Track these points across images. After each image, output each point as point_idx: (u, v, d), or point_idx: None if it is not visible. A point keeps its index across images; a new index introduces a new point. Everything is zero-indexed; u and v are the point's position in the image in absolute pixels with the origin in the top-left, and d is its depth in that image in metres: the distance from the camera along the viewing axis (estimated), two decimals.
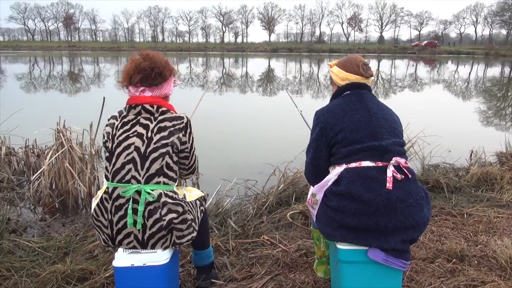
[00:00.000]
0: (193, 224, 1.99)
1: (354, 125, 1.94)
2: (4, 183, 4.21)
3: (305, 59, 47.14)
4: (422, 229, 1.89)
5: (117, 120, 1.95)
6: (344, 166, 1.91)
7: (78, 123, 4.21)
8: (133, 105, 1.95)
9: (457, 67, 33.91)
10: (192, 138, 2.04)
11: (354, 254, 1.87)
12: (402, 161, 1.88)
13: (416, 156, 4.86)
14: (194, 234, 1.99)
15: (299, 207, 3.44)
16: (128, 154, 1.85)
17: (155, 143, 1.87)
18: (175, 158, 1.96)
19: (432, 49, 63.35)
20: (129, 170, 1.84)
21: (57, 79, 19.55)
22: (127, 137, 1.88)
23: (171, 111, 2.01)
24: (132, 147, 1.86)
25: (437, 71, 29.09)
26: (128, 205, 1.82)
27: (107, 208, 1.86)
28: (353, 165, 1.89)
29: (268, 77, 22.80)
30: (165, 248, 1.90)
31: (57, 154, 3.81)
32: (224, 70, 28.05)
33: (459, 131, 7.90)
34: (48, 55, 48.30)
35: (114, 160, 1.87)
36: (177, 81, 2.15)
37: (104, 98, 3.77)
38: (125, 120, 1.93)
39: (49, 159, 3.76)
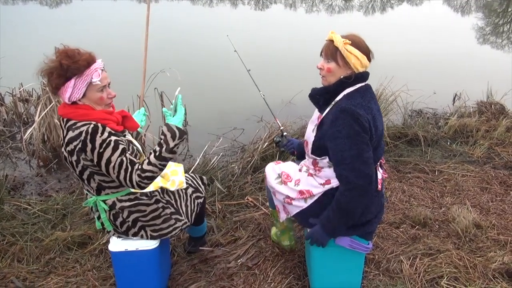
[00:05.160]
0: (176, 216, 2.07)
1: (377, 132, 1.86)
2: None
3: None
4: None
5: None
6: None
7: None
8: None
9: None
10: (98, 152, 1.70)
11: None
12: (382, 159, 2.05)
13: (400, 102, 4.88)
14: (181, 224, 2.09)
15: None
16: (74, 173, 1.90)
17: (76, 167, 1.80)
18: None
19: None
20: (83, 185, 1.93)
21: None
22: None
23: (77, 124, 1.72)
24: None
25: None
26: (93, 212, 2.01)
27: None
28: None
29: None
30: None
31: (46, 110, 3.86)
32: None
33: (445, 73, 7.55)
34: None
35: None
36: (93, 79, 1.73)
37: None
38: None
39: (39, 116, 3.82)
